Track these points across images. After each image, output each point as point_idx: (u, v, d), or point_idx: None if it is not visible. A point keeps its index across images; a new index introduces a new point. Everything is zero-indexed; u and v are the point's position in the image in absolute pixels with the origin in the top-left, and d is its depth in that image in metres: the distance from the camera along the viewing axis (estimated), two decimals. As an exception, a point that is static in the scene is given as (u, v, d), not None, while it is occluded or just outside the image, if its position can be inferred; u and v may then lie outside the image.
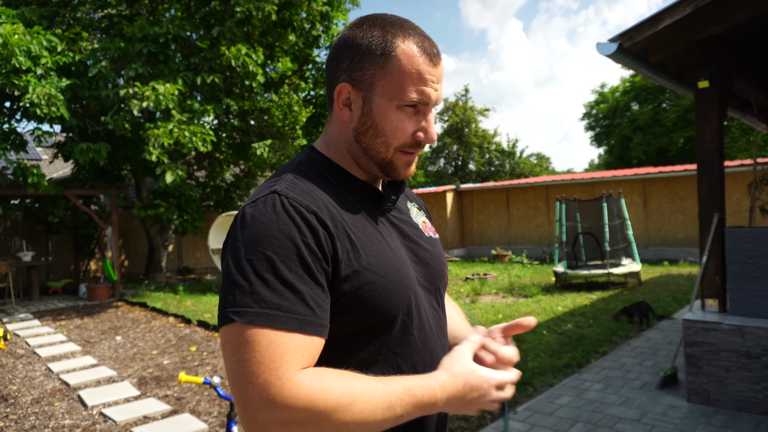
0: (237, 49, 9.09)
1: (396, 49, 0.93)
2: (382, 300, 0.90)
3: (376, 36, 0.94)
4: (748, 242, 3.70)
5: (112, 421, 4.16)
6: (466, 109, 32.71)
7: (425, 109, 0.96)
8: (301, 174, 0.95)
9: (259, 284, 0.80)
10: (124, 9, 10.05)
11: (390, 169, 0.99)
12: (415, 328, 0.96)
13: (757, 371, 3.57)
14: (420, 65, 0.93)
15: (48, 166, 15.18)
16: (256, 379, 0.76)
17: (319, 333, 0.82)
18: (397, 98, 0.93)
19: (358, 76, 0.95)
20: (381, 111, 0.95)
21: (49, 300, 10.83)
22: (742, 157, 22.60)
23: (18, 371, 5.72)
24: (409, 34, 0.94)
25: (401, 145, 0.96)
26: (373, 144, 0.96)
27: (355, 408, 0.80)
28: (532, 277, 11.10)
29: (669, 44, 4.00)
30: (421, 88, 0.93)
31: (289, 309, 0.80)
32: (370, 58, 0.94)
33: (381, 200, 1.03)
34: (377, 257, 0.91)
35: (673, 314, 6.86)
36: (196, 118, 9.21)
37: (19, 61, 7.73)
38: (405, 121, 0.95)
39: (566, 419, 3.71)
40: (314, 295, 0.82)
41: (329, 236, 0.86)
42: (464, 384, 0.87)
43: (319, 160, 1.01)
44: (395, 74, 0.93)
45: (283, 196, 0.87)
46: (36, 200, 11.67)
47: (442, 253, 1.11)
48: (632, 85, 27.26)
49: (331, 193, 0.94)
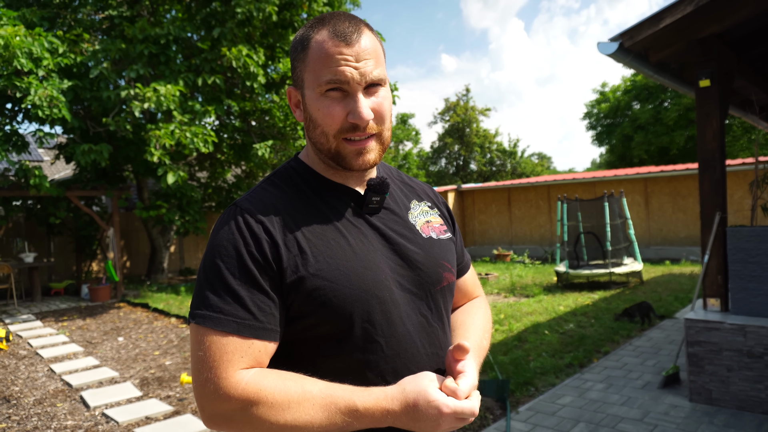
0: (238, 50, 9.10)
1: (311, 40, 0.95)
2: (333, 306, 0.89)
3: (301, 35, 0.98)
4: (750, 241, 3.69)
5: (114, 422, 4.16)
6: (467, 109, 32.70)
7: (350, 89, 0.93)
8: (270, 183, 1.01)
9: (208, 290, 0.88)
10: (125, 10, 10.06)
11: (340, 159, 0.97)
12: (381, 335, 0.92)
13: (759, 370, 3.56)
14: (329, 48, 0.93)
15: (50, 167, 15.21)
16: (200, 376, 0.85)
17: (258, 336, 0.87)
18: (316, 85, 0.94)
19: (295, 76, 1.00)
20: (310, 102, 0.96)
21: (51, 301, 10.85)
22: (743, 156, 22.57)
23: (20, 372, 5.73)
24: (325, 24, 0.95)
25: (338, 132, 0.95)
26: (315, 136, 0.98)
27: (288, 414, 0.84)
28: (534, 277, 11.10)
29: (670, 43, 3.99)
30: (333, 69, 0.92)
31: (230, 313, 0.86)
32: (297, 56, 0.98)
33: (361, 203, 1.01)
34: (330, 263, 0.91)
35: (675, 313, 6.85)
36: (197, 119, 9.22)
37: (20, 63, 7.75)
38: (332, 107, 0.94)
39: (568, 419, 3.71)
40: (256, 300, 0.87)
41: (273, 244, 0.90)
42: (414, 405, 0.85)
43: (296, 167, 1.04)
44: (311, 63, 0.95)
45: (238, 207, 0.94)
46: (38, 201, 11.69)
47: (443, 255, 1.06)
48: (633, 84, 27.22)
49: (294, 201, 0.97)
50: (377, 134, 0.97)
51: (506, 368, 4.87)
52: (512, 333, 6.30)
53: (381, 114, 0.96)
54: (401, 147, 36.96)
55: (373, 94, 0.96)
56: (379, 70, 0.96)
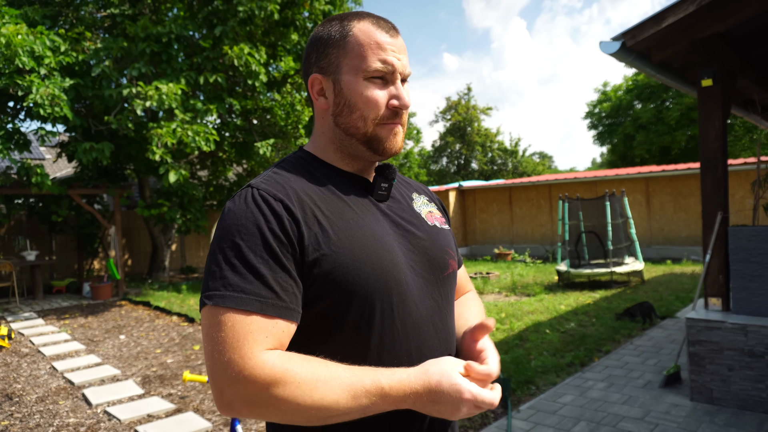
0: (240, 48, 9.10)
1: (353, 29, 0.98)
2: (355, 284, 0.89)
3: (335, 26, 1.00)
4: (751, 241, 3.69)
5: (116, 420, 4.17)
6: (469, 108, 32.69)
7: (392, 77, 0.97)
8: (281, 168, 1.00)
9: (227, 269, 0.85)
10: (126, 9, 10.07)
11: (376, 143, 0.99)
12: (398, 318, 0.93)
13: (760, 370, 3.57)
14: (377, 36, 0.97)
15: (51, 165, 15.22)
16: (221, 357, 0.81)
17: (282, 315, 0.85)
18: (361, 70, 0.96)
19: (325, 63, 1.00)
20: (350, 86, 0.97)
21: (53, 299, 10.87)
22: (745, 156, 22.54)
23: (23, 370, 5.75)
24: (363, 16, 1.00)
25: (378, 117, 0.97)
26: (350, 121, 0.98)
27: (316, 393, 0.81)
28: (535, 276, 11.10)
29: (672, 42, 3.99)
30: (382, 57, 0.96)
31: (252, 291, 0.84)
32: (332, 44, 0.99)
33: (371, 189, 1.03)
34: (351, 241, 0.91)
35: (676, 313, 6.85)
36: (199, 118, 9.22)
37: (22, 61, 7.76)
38: (375, 91, 0.96)
39: (569, 418, 3.71)
40: (278, 278, 0.86)
41: (294, 221, 0.89)
42: (436, 387, 0.84)
43: (304, 157, 1.05)
44: (356, 49, 0.96)
45: (255, 188, 0.93)
46: (40, 200, 11.71)
47: (447, 243, 1.09)
48: (635, 84, 27.18)
49: (309, 183, 0.97)
50: (403, 124, 1.02)
51: (507, 367, 4.87)
52: (513, 332, 6.31)
53: (409, 107, 1.02)
54: (402, 146, 36.87)
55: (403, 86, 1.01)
56: (409, 68, 1.02)
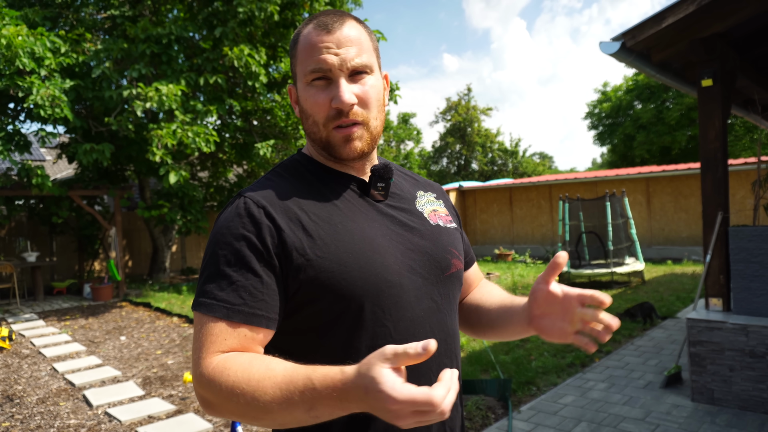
0: (240, 49, 9.10)
1: (300, 36, 0.99)
2: (342, 288, 0.89)
3: (295, 33, 1.02)
4: (752, 241, 3.69)
5: (117, 421, 4.17)
6: (469, 109, 32.69)
7: (333, 75, 0.95)
8: (275, 174, 1.02)
9: (206, 277, 0.90)
10: (127, 10, 10.07)
11: (331, 148, 0.99)
12: (391, 320, 0.91)
13: (761, 370, 3.56)
14: (312, 38, 0.96)
15: (52, 166, 15.23)
16: (193, 357, 0.88)
17: (248, 321, 0.87)
18: (303, 75, 0.98)
19: (292, 73, 1.04)
20: (301, 93, 0.99)
21: (54, 300, 10.87)
22: (745, 156, 22.53)
23: (23, 371, 5.75)
24: (312, 19, 0.99)
25: (326, 120, 0.96)
26: (308, 127, 1.00)
27: (248, 394, 0.79)
28: (536, 277, 11.06)
29: (672, 42, 3.99)
30: (315, 57, 0.95)
31: (222, 299, 0.87)
32: (291, 53, 1.03)
33: (366, 189, 1.02)
34: (339, 246, 0.91)
35: (677, 313, 6.85)
36: (199, 119, 9.22)
37: (22, 63, 7.76)
38: (317, 95, 0.96)
39: (570, 418, 3.71)
40: (250, 286, 0.87)
41: (276, 228, 0.90)
42: (364, 391, 0.71)
43: (300, 159, 1.06)
44: (299, 56, 0.99)
45: (242, 196, 0.95)
46: (40, 201, 11.72)
47: (450, 242, 1.06)
48: (635, 84, 27.18)
49: (299, 188, 0.98)
50: (363, 122, 0.97)
51: (508, 368, 4.87)
52: (514, 332, 6.30)
53: (366, 101, 0.97)
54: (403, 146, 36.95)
55: (358, 81, 0.97)
56: (364, 58, 0.96)
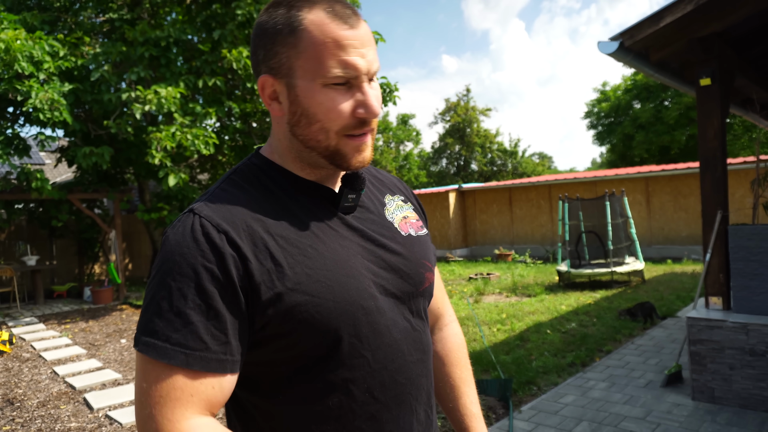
0: (238, 51, 9.11)
1: (303, 21, 0.80)
2: (316, 321, 0.79)
3: (281, 14, 0.82)
4: (751, 239, 3.69)
5: (117, 424, 4.17)
6: (468, 109, 32.72)
7: (357, 81, 0.82)
8: (231, 183, 0.86)
9: (154, 313, 0.75)
10: (125, 13, 10.08)
11: (338, 158, 0.85)
12: (368, 349, 0.83)
13: (761, 368, 3.56)
14: (333, 32, 0.79)
15: (51, 170, 15.22)
16: (143, 411, 0.73)
17: (210, 369, 0.74)
18: (319, 76, 0.80)
19: (275, 63, 0.83)
20: (307, 94, 0.82)
21: (54, 304, 10.87)
22: (744, 155, 22.54)
23: (24, 375, 5.74)
24: (314, 2, 0.82)
25: (342, 128, 0.83)
26: (309, 134, 0.84)
27: None
28: (536, 277, 11.09)
29: (670, 42, 4.00)
30: (343, 59, 0.79)
31: (178, 342, 0.73)
32: (281, 41, 0.82)
33: (336, 202, 0.90)
34: (310, 274, 0.80)
35: (677, 312, 6.85)
36: (198, 121, 9.23)
37: (21, 67, 7.77)
38: (337, 100, 0.81)
39: (571, 418, 3.71)
40: (211, 327, 0.74)
41: (240, 258, 0.77)
42: None
43: (259, 164, 0.90)
44: (309, 50, 0.80)
45: (197, 215, 0.79)
46: (40, 204, 11.71)
47: (423, 254, 0.97)
48: (634, 84, 27.21)
49: (262, 203, 0.84)
50: (373, 130, 0.88)
51: (508, 368, 4.87)
52: (514, 332, 6.30)
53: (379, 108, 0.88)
54: (402, 147, 36.98)
55: (371, 86, 0.84)
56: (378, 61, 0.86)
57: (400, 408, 0.82)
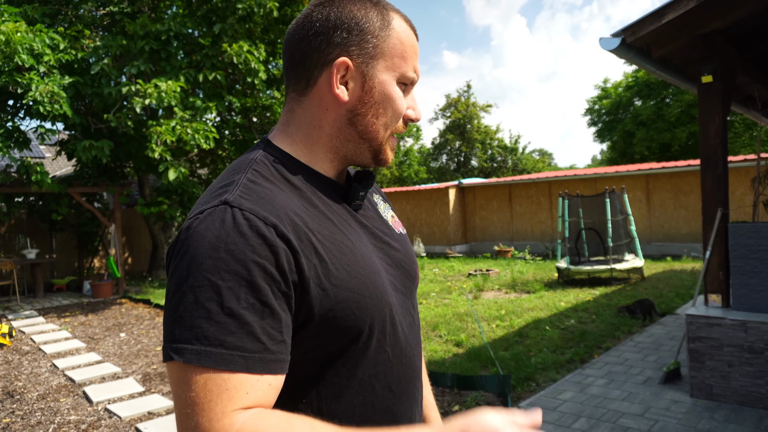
0: (239, 46, 9.09)
1: (393, 22, 0.86)
2: (356, 319, 0.78)
3: (372, 11, 0.85)
4: (751, 237, 3.69)
5: (117, 417, 4.18)
6: (469, 105, 32.67)
7: (411, 87, 0.90)
8: (258, 175, 0.81)
9: (201, 316, 0.68)
10: (125, 6, 10.05)
11: (381, 153, 0.89)
12: (389, 344, 0.85)
13: (760, 366, 3.57)
14: (412, 38, 0.88)
15: (51, 163, 15.21)
16: (189, 421, 0.67)
17: (270, 370, 0.70)
18: (399, 73, 0.86)
19: (358, 50, 0.84)
20: (385, 87, 0.85)
21: (54, 297, 10.88)
22: (745, 152, 22.54)
23: (24, 368, 5.75)
24: (396, 10, 0.89)
25: (396, 126, 0.89)
26: (373, 126, 0.86)
27: None
28: (535, 273, 11.10)
29: (672, 39, 3.99)
30: (415, 65, 0.88)
31: (234, 345, 0.68)
32: (373, 32, 0.84)
33: (349, 198, 0.90)
34: (348, 270, 0.79)
35: (676, 309, 6.86)
36: (198, 116, 9.22)
37: (21, 59, 7.75)
38: (402, 99, 0.88)
39: (569, 414, 3.72)
40: (267, 326, 0.70)
41: (292, 252, 0.73)
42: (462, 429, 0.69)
43: (277, 156, 0.86)
44: (398, 48, 0.86)
45: (235, 208, 0.73)
46: (40, 198, 11.71)
47: (413, 251, 1.01)
48: (635, 81, 27.15)
49: (292, 198, 0.81)
50: None
51: (507, 364, 4.88)
52: (513, 329, 6.31)
53: None
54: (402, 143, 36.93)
55: None
56: None
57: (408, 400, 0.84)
